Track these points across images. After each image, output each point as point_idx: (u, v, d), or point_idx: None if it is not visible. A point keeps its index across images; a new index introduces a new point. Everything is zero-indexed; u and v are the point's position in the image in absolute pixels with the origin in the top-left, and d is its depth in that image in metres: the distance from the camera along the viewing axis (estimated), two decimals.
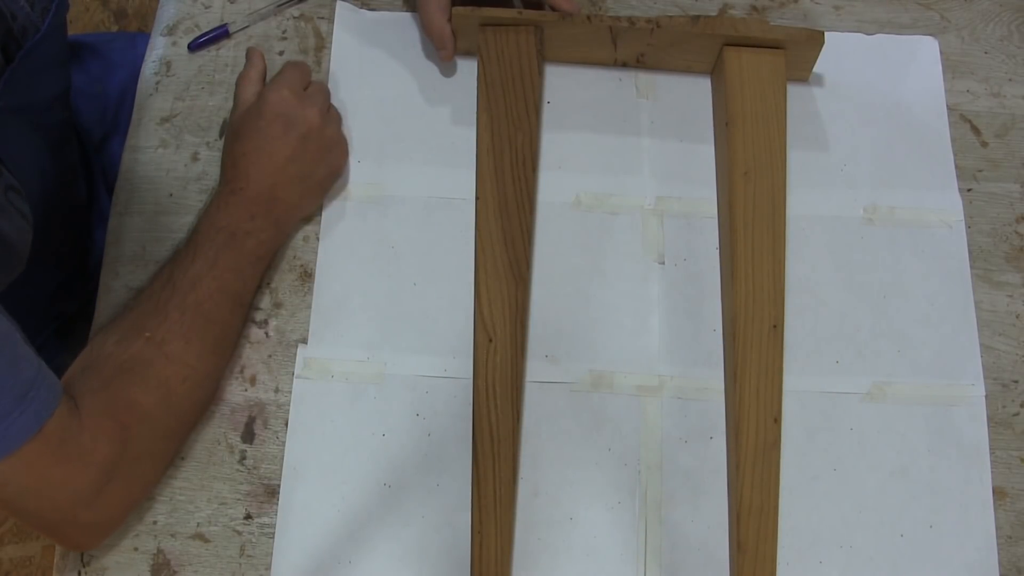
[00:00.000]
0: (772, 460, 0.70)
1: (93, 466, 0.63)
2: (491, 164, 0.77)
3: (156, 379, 0.67)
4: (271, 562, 0.70)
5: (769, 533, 0.69)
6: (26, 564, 1.38)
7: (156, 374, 0.67)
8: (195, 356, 0.69)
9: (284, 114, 0.74)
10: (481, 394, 0.71)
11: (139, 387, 0.66)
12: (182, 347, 0.68)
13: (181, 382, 0.68)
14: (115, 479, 0.64)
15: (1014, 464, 0.75)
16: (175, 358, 0.67)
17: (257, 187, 0.73)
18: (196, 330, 0.69)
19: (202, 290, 0.69)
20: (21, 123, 0.74)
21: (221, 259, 0.71)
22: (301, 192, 0.75)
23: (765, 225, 0.75)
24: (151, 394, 0.66)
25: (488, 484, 0.69)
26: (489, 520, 0.69)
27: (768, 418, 0.71)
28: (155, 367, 0.67)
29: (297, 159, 0.74)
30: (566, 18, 0.79)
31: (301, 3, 0.87)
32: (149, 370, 0.66)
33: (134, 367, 0.66)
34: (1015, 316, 0.78)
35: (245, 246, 0.72)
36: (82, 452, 0.62)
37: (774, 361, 0.72)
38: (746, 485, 0.69)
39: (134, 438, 0.65)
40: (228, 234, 0.71)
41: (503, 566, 0.68)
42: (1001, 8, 0.89)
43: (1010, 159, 0.83)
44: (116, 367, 0.66)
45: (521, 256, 0.75)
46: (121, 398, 0.65)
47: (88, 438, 0.62)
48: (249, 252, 0.72)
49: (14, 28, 0.70)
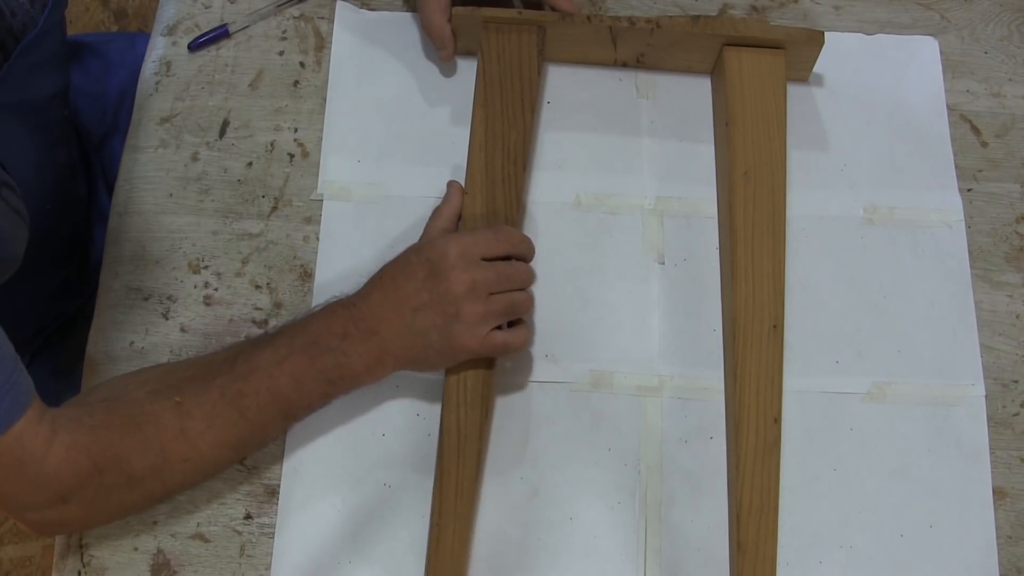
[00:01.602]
0: (772, 460, 0.70)
1: (48, 490, 0.61)
2: (482, 160, 0.77)
3: (158, 447, 0.63)
4: (271, 562, 0.70)
5: (769, 533, 0.69)
6: (26, 564, 1.38)
7: (161, 442, 0.63)
8: (210, 444, 0.65)
9: (433, 265, 0.67)
10: (452, 388, 0.71)
11: (137, 446, 0.63)
12: (202, 429, 0.64)
13: (182, 461, 0.64)
14: (71, 503, 0.62)
15: (1014, 464, 0.75)
16: (190, 438, 0.64)
17: (368, 313, 0.67)
18: (225, 420, 0.64)
19: (253, 383, 0.65)
20: (18, 120, 0.74)
21: (289, 362, 0.65)
22: (406, 345, 0.67)
23: (765, 225, 0.75)
24: (145, 458, 0.63)
25: (451, 477, 0.69)
26: (448, 512, 0.68)
27: (768, 418, 0.71)
28: (164, 436, 0.63)
29: (420, 313, 0.67)
30: (566, 18, 0.79)
31: (301, 3, 0.87)
32: (157, 435, 0.63)
33: (145, 425, 0.63)
34: (1015, 316, 0.78)
35: (320, 360, 0.66)
36: (40, 476, 0.60)
37: (774, 361, 0.72)
38: (746, 485, 0.69)
39: (104, 485, 0.62)
40: (311, 340, 0.66)
41: (458, 560, 0.68)
42: (1001, 8, 0.89)
43: (1010, 159, 0.83)
44: (129, 416, 0.63)
45: None
46: (112, 447, 0.62)
47: (52, 466, 0.60)
48: (320, 369, 0.66)
49: (13, 24, 0.70)
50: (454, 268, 0.67)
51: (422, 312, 0.67)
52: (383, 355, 0.67)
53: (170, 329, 0.76)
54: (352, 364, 0.67)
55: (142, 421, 0.63)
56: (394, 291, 0.67)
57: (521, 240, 0.71)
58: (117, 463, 0.62)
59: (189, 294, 0.77)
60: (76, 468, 0.61)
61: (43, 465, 0.60)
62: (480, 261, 0.68)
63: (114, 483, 0.63)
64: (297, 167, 0.81)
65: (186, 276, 0.78)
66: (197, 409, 0.64)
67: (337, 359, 0.66)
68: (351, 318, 0.67)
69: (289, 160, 0.82)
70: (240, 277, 0.78)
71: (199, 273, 0.78)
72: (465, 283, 0.67)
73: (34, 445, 0.59)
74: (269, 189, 0.81)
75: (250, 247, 0.79)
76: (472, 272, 0.67)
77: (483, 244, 0.68)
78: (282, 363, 0.65)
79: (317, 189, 0.80)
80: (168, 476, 0.65)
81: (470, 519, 0.69)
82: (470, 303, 0.67)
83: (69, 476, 0.61)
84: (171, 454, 0.64)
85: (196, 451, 0.64)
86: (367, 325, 0.67)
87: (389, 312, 0.67)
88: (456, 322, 0.67)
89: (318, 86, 0.84)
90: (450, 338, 0.67)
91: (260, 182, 0.81)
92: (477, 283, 0.67)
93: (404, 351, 0.68)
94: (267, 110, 0.83)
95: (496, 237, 0.69)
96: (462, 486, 0.69)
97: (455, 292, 0.66)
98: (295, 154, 0.82)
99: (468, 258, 0.67)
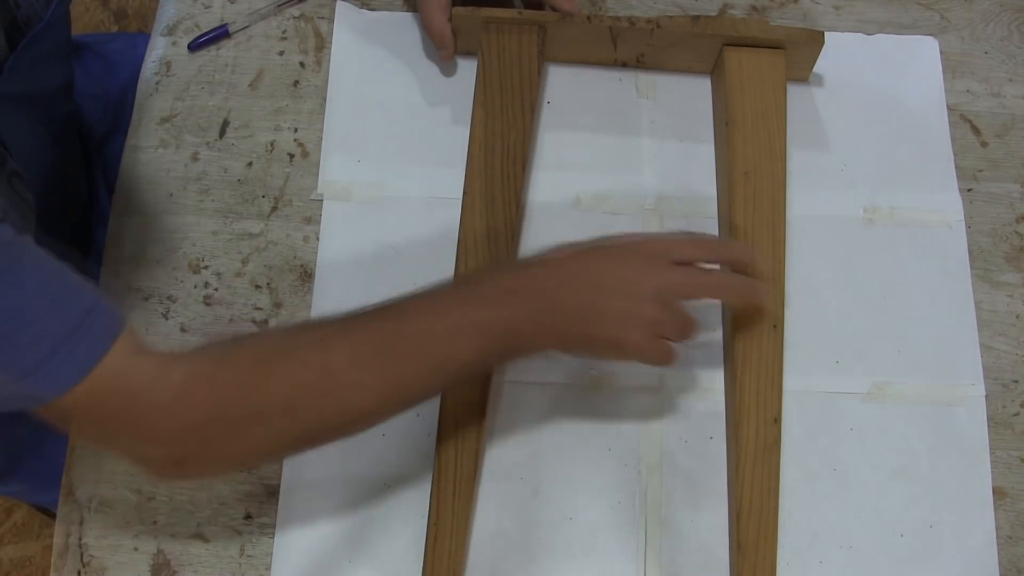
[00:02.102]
0: (772, 460, 0.70)
1: (163, 424, 0.56)
2: (481, 160, 0.77)
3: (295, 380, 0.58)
4: (271, 562, 0.70)
5: (769, 533, 0.69)
6: (26, 564, 1.38)
7: (299, 375, 0.58)
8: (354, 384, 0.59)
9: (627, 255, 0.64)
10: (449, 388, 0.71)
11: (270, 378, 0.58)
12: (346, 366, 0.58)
13: (320, 398, 0.59)
14: (191, 442, 0.57)
15: (1014, 464, 0.75)
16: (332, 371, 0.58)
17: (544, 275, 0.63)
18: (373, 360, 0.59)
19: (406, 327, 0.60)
20: (25, 112, 0.74)
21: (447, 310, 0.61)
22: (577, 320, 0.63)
23: (765, 225, 0.75)
24: (278, 390, 0.58)
25: (448, 477, 0.69)
26: (446, 513, 0.68)
27: (768, 418, 0.71)
28: (303, 369, 0.58)
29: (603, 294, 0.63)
30: (566, 18, 0.79)
31: (301, 3, 0.87)
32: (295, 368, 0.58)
33: (282, 357, 0.58)
34: (1015, 316, 0.78)
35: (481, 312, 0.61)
36: (152, 409, 0.55)
37: (774, 361, 0.72)
38: (746, 485, 0.69)
39: (228, 420, 0.57)
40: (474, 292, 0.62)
41: (456, 560, 0.68)
42: (1001, 8, 0.89)
43: (1010, 159, 0.83)
44: (262, 348, 0.59)
45: (503, 254, 0.74)
46: (239, 377, 0.57)
47: (166, 396, 0.55)
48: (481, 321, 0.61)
49: (18, 16, 0.70)
50: (651, 262, 0.63)
51: (605, 294, 0.62)
52: (549, 321, 0.62)
53: (170, 329, 0.76)
54: (516, 321, 0.61)
55: (279, 353, 0.58)
56: (582, 263, 0.63)
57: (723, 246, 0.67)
58: (244, 394, 0.57)
59: (189, 294, 0.77)
60: (195, 399, 0.56)
61: (154, 396, 0.55)
62: (678, 264, 0.64)
63: (239, 417, 0.57)
64: (297, 167, 0.81)
65: (186, 276, 0.78)
66: (342, 345, 0.59)
67: (500, 313, 0.61)
68: (524, 276, 0.63)
69: (289, 160, 0.82)
70: (240, 277, 0.78)
71: (199, 273, 0.78)
72: (655, 281, 0.63)
73: (140, 373, 0.55)
74: (269, 189, 0.81)
75: (250, 247, 0.79)
76: (665, 275, 0.63)
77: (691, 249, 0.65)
78: (439, 311, 0.61)
79: (317, 189, 0.80)
80: (303, 415, 0.58)
81: (468, 519, 0.69)
82: (657, 304, 0.63)
83: (186, 408, 0.56)
84: (309, 389, 0.58)
85: (337, 389, 0.58)
86: (541, 286, 0.62)
87: (569, 280, 0.62)
88: (636, 316, 0.62)
89: (318, 86, 0.84)
90: (623, 330, 0.62)
91: (260, 182, 0.81)
92: (666, 287, 0.63)
93: (571, 325, 0.63)
94: (267, 110, 0.83)
95: (692, 241, 0.66)
96: (460, 486, 0.69)
97: (646, 287, 0.62)
98: (295, 154, 0.82)
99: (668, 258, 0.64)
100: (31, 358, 0.51)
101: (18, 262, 0.51)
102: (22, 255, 0.52)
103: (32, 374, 0.51)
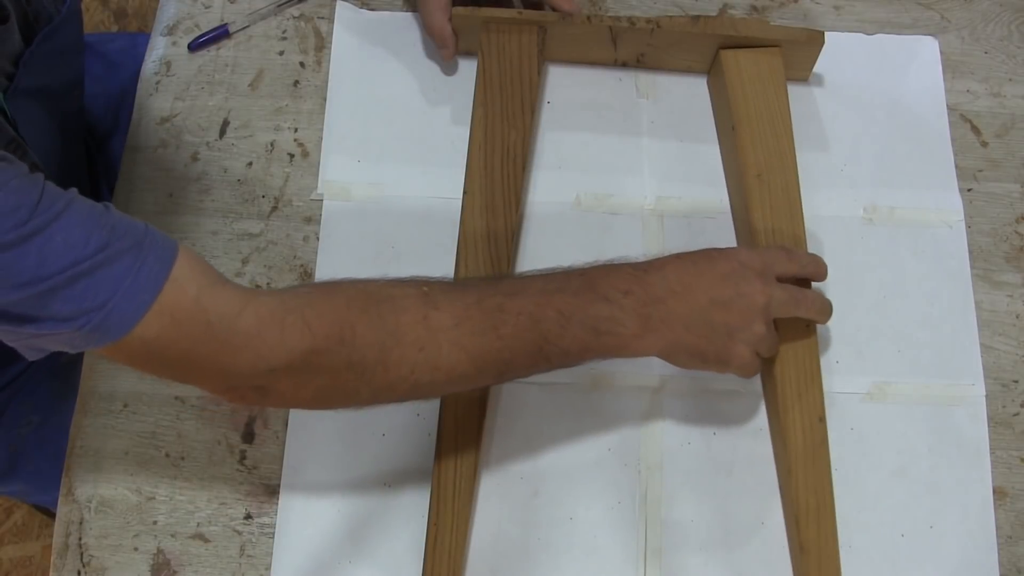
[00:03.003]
0: (822, 459, 0.70)
1: (248, 353, 0.55)
2: (481, 160, 0.77)
3: (393, 326, 0.57)
4: (271, 562, 0.70)
5: (829, 532, 0.68)
6: (26, 564, 1.38)
7: (398, 323, 0.57)
8: (452, 344, 0.58)
9: (744, 268, 0.65)
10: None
11: (368, 319, 0.57)
12: (448, 325, 0.58)
13: (416, 349, 0.58)
14: (279, 376, 0.56)
15: (1014, 464, 0.75)
16: (431, 326, 0.58)
17: (660, 281, 0.63)
18: (475, 325, 0.59)
19: (516, 303, 0.60)
20: (39, 106, 0.74)
21: (560, 296, 0.61)
22: (688, 330, 0.64)
23: (785, 225, 0.75)
24: (375, 333, 0.57)
25: (448, 477, 0.69)
26: (446, 512, 0.68)
27: (813, 418, 0.71)
28: (403, 318, 0.57)
29: (718, 307, 0.64)
30: (566, 18, 0.79)
31: (301, 3, 0.87)
32: (394, 315, 0.58)
33: (382, 303, 0.58)
34: (1015, 316, 0.78)
35: (593, 307, 0.62)
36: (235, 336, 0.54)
37: (811, 361, 0.72)
38: (800, 487, 0.69)
39: (318, 354, 0.56)
40: (589, 285, 0.62)
41: (456, 560, 0.68)
42: (1001, 8, 0.89)
43: (1010, 159, 0.83)
44: (360, 291, 0.58)
45: (503, 254, 0.75)
46: (334, 313, 0.57)
47: (249, 324, 0.55)
48: (591, 315, 0.62)
49: (29, 12, 0.70)
50: (760, 277, 0.65)
51: (720, 307, 0.64)
52: (660, 328, 0.63)
53: None
54: (625, 321, 0.62)
55: (379, 298, 0.58)
56: (696, 273, 0.64)
57: (810, 260, 0.69)
58: (337, 330, 0.56)
59: None
60: (283, 329, 0.55)
61: (240, 322, 0.54)
62: (775, 279, 0.66)
63: (330, 354, 0.57)
64: (297, 167, 0.81)
65: None
66: (447, 304, 0.59)
67: (612, 311, 0.62)
68: (639, 280, 0.63)
69: (289, 160, 0.82)
70: (240, 277, 0.78)
71: None
72: (765, 296, 0.64)
73: (220, 301, 0.54)
74: (269, 189, 0.81)
75: (250, 247, 0.79)
76: (771, 289, 0.65)
77: (773, 262, 0.67)
78: (552, 295, 0.61)
79: (317, 189, 0.80)
80: (396, 363, 0.58)
81: (467, 519, 0.69)
82: (763, 320, 0.65)
83: (274, 338, 0.55)
84: (406, 337, 0.57)
85: (434, 344, 0.58)
86: (655, 292, 0.63)
87: (683, 290, 0.63)
88: (747, 331, 0.64)
89: (318, 86, 0.84)
90: (732, 344, 0.64)
91: (260, 182, 0.81)
92: (772, 300, 0.65)
93: (682, 335, 0.64)
94: (267, 110, 0.83)
95: (785, 257, 0.67)
96: (459, 486, 0.69)
97: (758, 302, 0.64)
98: (295, 154, 0.82)
99: (769, 272, 0.65)
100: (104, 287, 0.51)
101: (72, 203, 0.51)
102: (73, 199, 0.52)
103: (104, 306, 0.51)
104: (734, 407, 0.74)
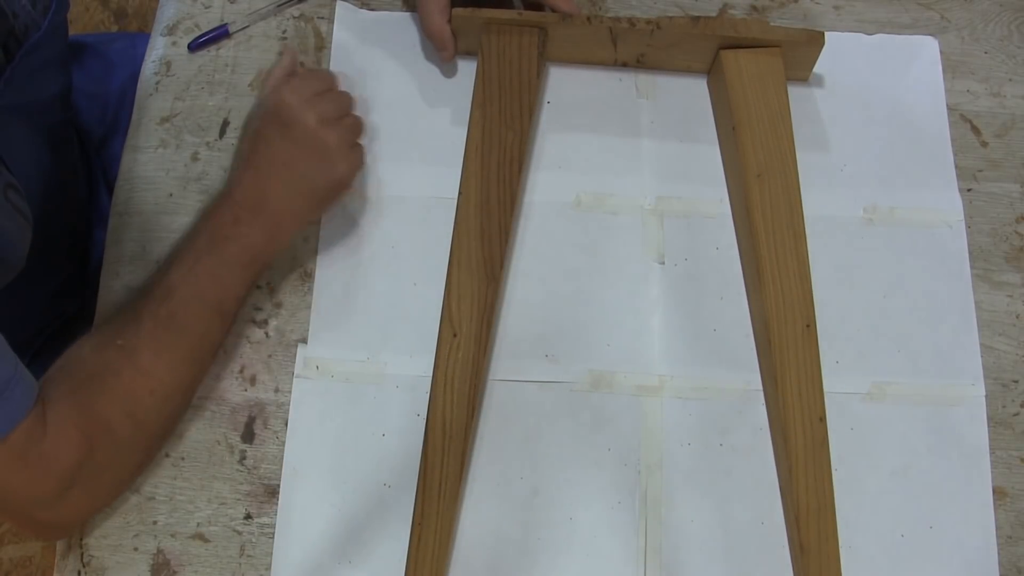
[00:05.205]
0: (823, 459, 0.70)
1: (52, 474, 0.61)
2: (478, 161, 0.77)
3: (123, 391, 0.64)
4: (271, 562, 0.70)
5: (830, 533, 0.69)
6: (26, 564, 1.38)
7: (123, 385, 0.64)
8: (165, 368, 0.66)
9: (280, 117, 0.71)
10: (439, 387, 0.71)
11: (105, 398, 0.64)
12: (152, 359, 0.65)
13: (148, 394, 0.65)
14: (76, 487, 0.63)
15: (1014, 464, 0.75)
16: (144, 370, 0.65)
17: (245, 190, 0.70)
18: (168, 341, 0.66)
19: (177, 299, 0.66)
20: (22, 122, 0.74)
21: (200, 265, 0.67)
22: (294, 198, 0.71)
23: (785, 225, 0.75)
24: (116, 406, 0.64)
25: (434, 477, 0.69)
26: (431, 513, 0.68)
27: (813, 417, 0.71)
28: (123, 378, 0.64)
29: (294, 164, 0.70)
30: (566, 19, 0.79)
31: (301, 3, 0.87)
32: (117, 380, 0.64)
33: (104, 376, 0.64)
34: (1015, 316, 0.78)
35: (226, 251, 0.68)
36: (43, 459, 0.60)
37: (812, 360, 0.72)
38: (801, 487, 0.69)
39: (97, 449, 0.63)
40: (208, 238, 0.68)
41: (439, 560, 0.68)
42: (1001, 8, 0.89)
43: (1010, 159, 0.83)
44: (87, 374, 0.64)
45: (496, 255, 0.74)
46: (86, 408, 0.63)
47: (50, 445, 0.60)
48: (231, 258, 0.68)
49: (15, 27, 0.70)
50: (298, 108, 0.70)
51: (295, 163, 0.70)
52: (279, 220, 0.70)
53: None
54: (254, 242, 0.69)
55: (99, 373, 0.64)
56: (259, 160, 0.70)
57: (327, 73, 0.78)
58: (95, 421, 0.63)
59: None
60: (69, 441, 0.61)
61: (43, 446, 0.60)
62: (314, 96, 0.72)
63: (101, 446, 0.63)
64: None
65: None
66: (139, 343, 0.65)
67: (240, 244, 0.69)
68: (235, 204, 0.69)
69: None
70: None
71: None
72: (314, 117, 0.71)
73: (35, 428, 0.60)
74: None
75: None
76: (314, 106, 0.71)
77: (308, 84, 0.72)
78: (194, 269, 0.67)
79: None
80: (143, 418, 0.66)
81: (452, 519, 0.69)
82: (331, 132, 0.71)
83: (65, 452, 0.61)
84: (136, 392, 0.65)
85: (156, 379, 0.65)
86: (252, 202, 0.69)
87: (264, 181, 0.70)
88: (329, 152, 0.71)
89: None
90: (332, 171, 0.71)
91: None
92: (324, 113, 0.71)
93: (295, 206, 0.71)
94: None
95: (313, 75, 0.74)
96: (445, 486, 0.69)
97: (312, 128, 0.70)
98: None
99: (304, 97, 0.71)
100: None
101: None
102: None
103: None
104: (734, 407, 0.74)
